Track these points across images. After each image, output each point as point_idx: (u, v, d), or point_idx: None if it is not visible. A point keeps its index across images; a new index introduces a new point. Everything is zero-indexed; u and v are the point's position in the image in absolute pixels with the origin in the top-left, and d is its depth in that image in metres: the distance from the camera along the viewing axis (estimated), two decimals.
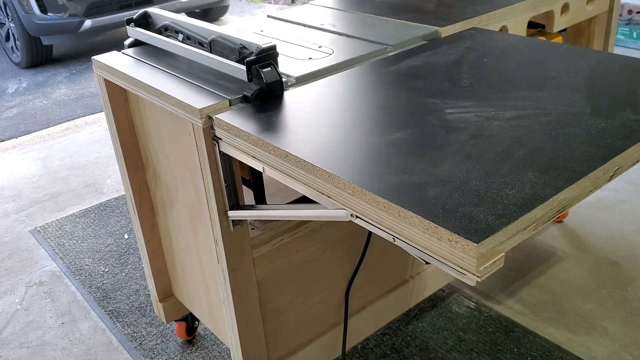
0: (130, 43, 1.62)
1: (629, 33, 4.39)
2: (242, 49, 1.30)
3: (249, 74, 1.25)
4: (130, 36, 1.62)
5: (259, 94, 1.25)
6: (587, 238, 2.36)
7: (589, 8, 1.97)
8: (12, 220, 2.87)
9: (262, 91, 1.25)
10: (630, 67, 1.30)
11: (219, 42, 1.37)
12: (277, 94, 1.27)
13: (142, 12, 1.60)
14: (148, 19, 1.61)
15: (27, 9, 4.70)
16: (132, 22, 1.60)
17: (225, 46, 1.35)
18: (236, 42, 1.32)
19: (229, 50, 1.34)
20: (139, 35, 1.59)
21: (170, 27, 1.53)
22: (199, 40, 1.44)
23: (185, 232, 1.61)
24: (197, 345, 2.01)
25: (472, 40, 1.53)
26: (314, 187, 1.00)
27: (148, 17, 1.61)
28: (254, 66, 1.25)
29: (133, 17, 1.60)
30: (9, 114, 4.21)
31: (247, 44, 1.29)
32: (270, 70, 1.25)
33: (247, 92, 1.25)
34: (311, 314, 1.63)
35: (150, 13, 1.60)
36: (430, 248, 0.82)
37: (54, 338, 2.11)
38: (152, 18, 1.61)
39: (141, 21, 1.61)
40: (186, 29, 1.47)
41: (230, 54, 1.33)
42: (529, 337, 1.92)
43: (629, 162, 0.99)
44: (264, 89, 1.25)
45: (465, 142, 1.02)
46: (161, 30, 1.57)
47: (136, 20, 1.60)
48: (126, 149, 1.66)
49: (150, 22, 1.61)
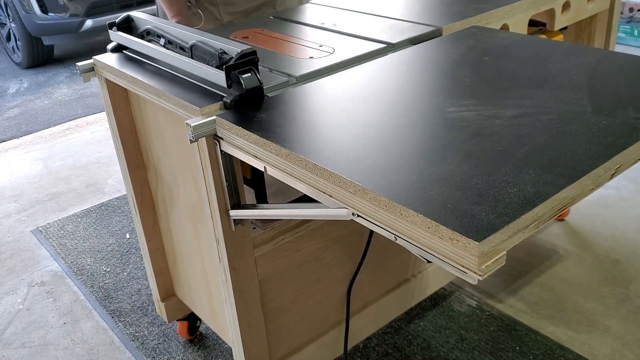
0: (113, 48, 1.58)
1: (630, 31, 4.39)
2: (222, 54, 1.25)
3: (228, 80, 1.21)
4: (112, 40, 1.58)
5: (238, 100, 1.21)
6: (588, 236, 2.36)
7: (590, 6, 1.96)
8: (13, 220, 2.87)
9: (242, 97, 1.21)
10: (632, 65, 1.30)
11: (200, 47, 1.33)
12: (257, 100, 1.23)
13: (125, 15, 1.56)
14: (131, 22, 1.57)
15: (28, 9, 4.70)
16: (115, 26, 1.56)
17: (206, 51, 1.30)
18: (216, 47, 1.28)
19: (209, 55, 1.29)
20: (122, 40, 1.55)
21: (152, 32, 1.49)
22: (180, 45, 1.39)
23: (187, 231, 1.61)
24: (199, 344, 2.01)
25: (473, 39, 1.53)
26: (316, 186, 1.00)
27: (131, 21, 1.57)
28: (233, 72, 1.20)
29: (115, 21, 1.56)
30: (10, 114, 4.21)
31: (227, 49, 1.25)
32: (250, 76, 1.21)
33: (227, 99, 1.21)
34: (313, 312, 1.63)
35: (132, 17, 1.56)
36: (432, 247, 0.82)
37: (56, 338, 2.11)
38: (134, 22, 1.57)
39: (124, 25, 1.57)
40: (167, 34, 1.44)
41: (211, 59, 1.29)
42: (531, 335, 1.92)
43: (630, 160, 0.99)
44: (244, 95, 1.21)
45: (467, 140, 1.02)
46: (143, 35, 1.53)
47: (119, 24, 1.56)
48: (127, 149, 1.66)
49: (133, 26, 1.57)
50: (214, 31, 1.80)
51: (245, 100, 1.22)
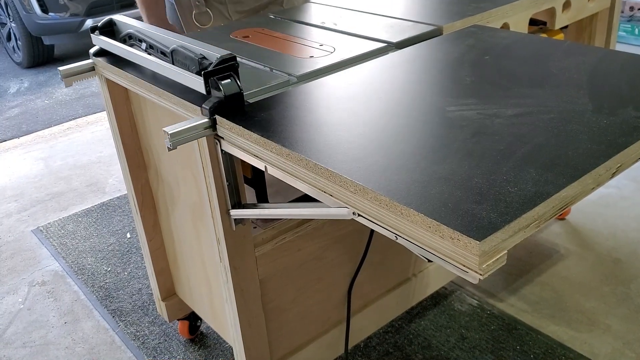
0: (95, 52, 1.56)
1: (630, 30, 4.39)
2: (202, 59, 1.22)
3: (207, 86, 1.18)
4: (94, 44, 1.56)
5: (218, 106, 1.18)
6: (589, 235, 2.36)
7: (591, 5, 1.96)
8: (14, 220, 2.87)
9: (222, 103, 1.18)
10: (632, 64, 1.30)
11: (180, 52, 1.30)
12: (237, 106, 1.20)
13: (108, 19, 1.54)
14: (113, 26, 1.55)
15: (28, 9, 4.70)
16: (97, 29, 1.54)
17: (186, 56, 1.27)
18: (196, 52, 1.25)
19: (190, 60, 1.27)
20: (103, 44, 1.53)
21: (133, 36, 1.47)
22: (161, 49, 1.36)
23: (188, 231, 1.61)
24: (200, 344, 2.01)
25: (474, 38, 1.52)
26: (316, 186, 1.00)
27: (113, 25, 1.55)
28: (211, 78, 1.18)
29: (97, 25, 1.54)
30: (11, 114, 4.21)
31: (207, 54, 1.22)
32: (229, 82, 1.18)
33: (206, 105, 1.19)
34: (313, 312, 1.63)
35: (115, 20, 1.54)
36: (433, 246, 0.82)
37: (57, 337, 2.11)
38: (117, 26, 1.54)
39: (106, 29, 1.54)
40: (149, 38, 1.40)
41: (192, 65, 1.26)
42: (532, 334, 1.92)
43: (631, 159, 0.99)
44: (223, 102, 1.18)
45: (467, 139, 1.02)
46: (125, 39, 1.50)
47: (101, 27, 1.54)
48: (128, 148, 1.66)
49: (115, 29, 1.55)
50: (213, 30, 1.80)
51: (224, 107, 1.18)
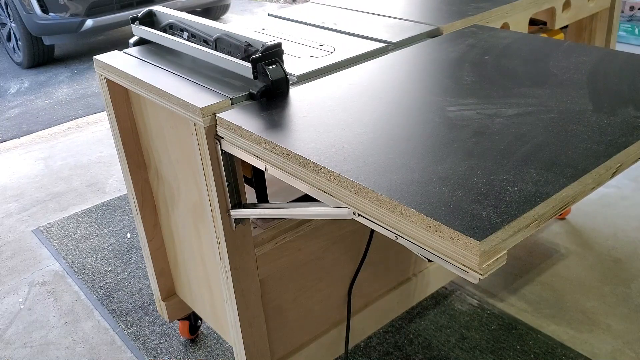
0: (135, 42, 1.62)
1: (630, 29, 4.38)
2: (248, 46, 1.30)
3: (254, 72, 1.26)
4: (134, 34, 1.63)
5: (265, 91, 1.25)
6: (589, 235, 2.36)
7: (591, 5, 1.96)
8: (14, 220, 2.87)
9: (268, 88, 1.25)
10: (632, 64, 1.30)
11: (225, 40, 1.37)
12: (282, 91, 1.27)
13: (147, 10, 1.61)
14: (153, 17, 1.62)
15: (28, 9, 4.71)
16: (137, 20, 1.61)
17: (231, 44, 1.35)
18: (241, 39, 1.33)
19: (234, 47, 1.34)
20: (144, 34, 1.59)
21: (175, 25, 1.54)
22: (204, 38, 1.44)
23: (188, 231, 1.61)
24: (200, 344, 2.01)
25: (474, 38, 1.52)
26: (316, 186, 1.00)
27: (153, 16, 1.62)
28: (259, 63, 1.25)
29: (137, 16, 1.60)
30: (11, 114, 4.21)
31: (253, 42, 1.30)
32: (275, 68, 1.25)
33: (253, 90, 1.25)
34: (314, 312, 1.63)
35: (155, 11, 1.61)
36: (433, 246, 0.82)
37: (57, 337, 2.11)
38: (156, 16, 1.61)
39: (146, 19, 1.61)
40: (191, 27, 1.48)
41: (236, 52, 1.34)
42: (532, 334, 1.92)
43: (631, 158, 0.99)
44: (270, 86, 1.25)
45: (467, 139, 1.02)
46: (166, 29, 1.57)
47: (141, 18, 1.61)
48: (128, 148, 1.66)
49: (155, 20, 1.62)
50: None
51: (270, 92, 1.25)
